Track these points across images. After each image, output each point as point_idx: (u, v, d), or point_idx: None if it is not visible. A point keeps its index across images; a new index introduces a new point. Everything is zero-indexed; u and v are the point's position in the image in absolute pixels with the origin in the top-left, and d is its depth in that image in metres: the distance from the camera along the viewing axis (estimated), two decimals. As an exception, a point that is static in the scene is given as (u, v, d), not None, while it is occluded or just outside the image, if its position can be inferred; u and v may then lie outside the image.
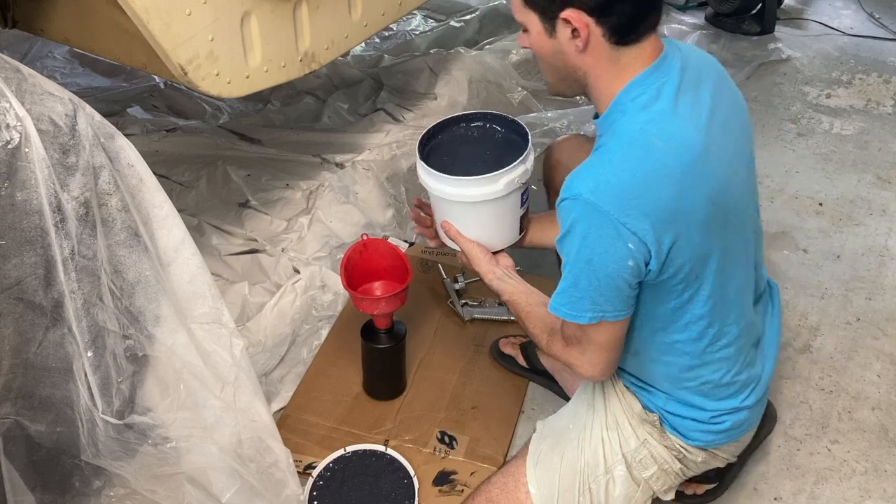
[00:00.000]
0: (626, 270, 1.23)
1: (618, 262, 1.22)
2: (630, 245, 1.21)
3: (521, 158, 1.48)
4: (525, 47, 1.36)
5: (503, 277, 1.54)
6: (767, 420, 1.74)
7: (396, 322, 1.82)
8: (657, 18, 1.27)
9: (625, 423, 1.49)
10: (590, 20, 1.23)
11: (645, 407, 1.48)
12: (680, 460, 1.49)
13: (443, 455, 1.77)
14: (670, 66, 1.28)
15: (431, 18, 3.42)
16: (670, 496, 1.54)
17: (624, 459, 1.48)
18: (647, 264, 1.23)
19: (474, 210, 1.52)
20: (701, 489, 1.70)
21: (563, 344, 1.39)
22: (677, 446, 1.48)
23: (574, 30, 1.25)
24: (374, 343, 1.82)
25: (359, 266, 1.79)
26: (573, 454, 1.51)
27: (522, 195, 1.56)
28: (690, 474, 1.54)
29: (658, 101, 1.25)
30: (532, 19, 1.29)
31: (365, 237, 1.82)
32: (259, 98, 2.86)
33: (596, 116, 1.36)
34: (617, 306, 1.28)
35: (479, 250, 1.55)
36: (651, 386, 1.46)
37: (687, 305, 1.33)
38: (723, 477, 1.70)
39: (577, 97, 2.12)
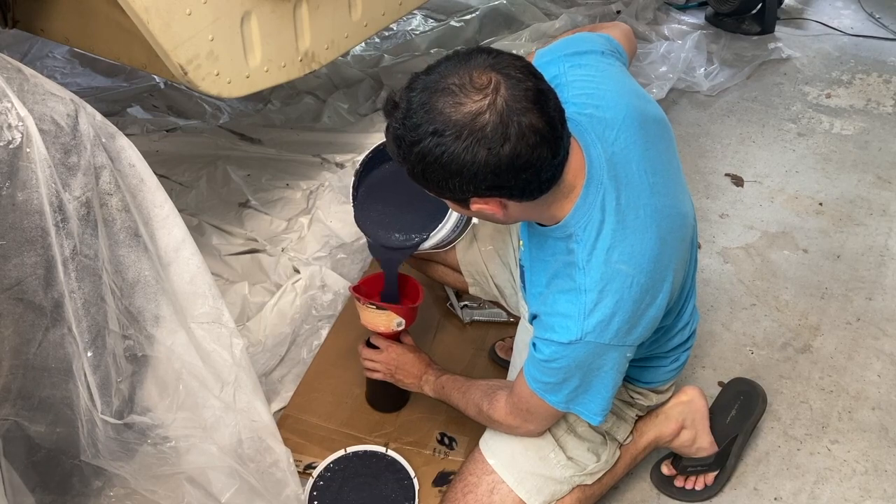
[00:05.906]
0: (626, 365, 1.35)
1: (622, 369, 1.34)
2: (628, 354, 1.33)
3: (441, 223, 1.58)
4: None
5: (436, 383, 1.65)
6: (759, 401, 1.80)
7: (403, 337, 1.81)
8: (566, 156, 1.19)
9: None
10: (499, 199, 1.19)
11: None
12: (633, 405, 1.63)
13: (443, 456, 1.77)
14: (599, 174, 1.25)
15: (431, 18, 3.42)
16: (629, 440, 1.64)
17: None
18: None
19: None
20: (710, 478, 1.73)
21: (506, 411, 1.47)
22: (631, 395, 1.62)
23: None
24: None
25: (367, 288, 1.77)
26: None
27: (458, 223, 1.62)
28: (640, 415, 1.67)
29: (605, 222, 1.25)
30: (444, 198, 1.24)
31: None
32: (259, 98, 2.86)
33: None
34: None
35: (407, 358, 1.70)
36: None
37: (676, 322, 1.50)
38: (723, 462, 1.73)
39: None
